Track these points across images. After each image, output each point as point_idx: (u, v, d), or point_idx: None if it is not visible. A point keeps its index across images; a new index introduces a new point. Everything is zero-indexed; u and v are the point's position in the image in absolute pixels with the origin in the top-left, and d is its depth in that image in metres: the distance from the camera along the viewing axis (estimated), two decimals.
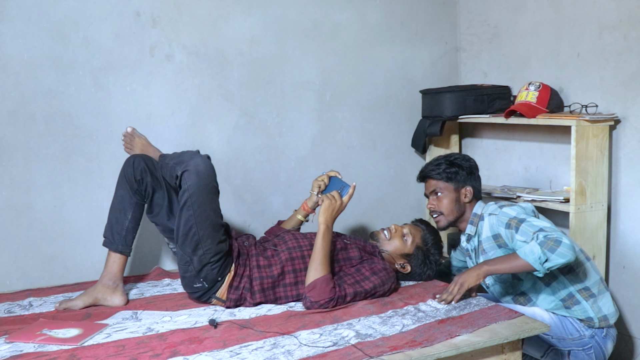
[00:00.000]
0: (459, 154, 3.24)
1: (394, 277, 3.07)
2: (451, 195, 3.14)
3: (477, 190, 3.18)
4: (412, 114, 4.31)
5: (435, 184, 3.16)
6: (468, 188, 3.14)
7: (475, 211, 3.13)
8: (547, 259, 2.67)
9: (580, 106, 3.49)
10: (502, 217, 2.94)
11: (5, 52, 3.21)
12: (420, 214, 4.41)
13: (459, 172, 3.14)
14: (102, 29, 3.42)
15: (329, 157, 4.09)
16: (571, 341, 2.95)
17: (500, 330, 2.53)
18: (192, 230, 2.83)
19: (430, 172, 3.19)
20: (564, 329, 2.95)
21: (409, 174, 4.39)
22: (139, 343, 2.48)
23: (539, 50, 3.89)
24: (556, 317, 2.98)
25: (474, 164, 3.22)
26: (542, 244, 2.69)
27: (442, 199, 3.14)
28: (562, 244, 2.67)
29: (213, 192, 2.94)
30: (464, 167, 3.15)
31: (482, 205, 3.14)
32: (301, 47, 3.96)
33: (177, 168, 2.87)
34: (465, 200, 3.14)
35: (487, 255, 3.03)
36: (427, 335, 2.47)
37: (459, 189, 3.14)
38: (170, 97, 3.62)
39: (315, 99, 4.03)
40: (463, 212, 3.15)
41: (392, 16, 4.24)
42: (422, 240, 3.23)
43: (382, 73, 4.25)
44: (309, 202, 3.37)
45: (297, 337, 2.49)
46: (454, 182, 3.13)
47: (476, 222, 3.11)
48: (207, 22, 3.67)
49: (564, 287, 2.94)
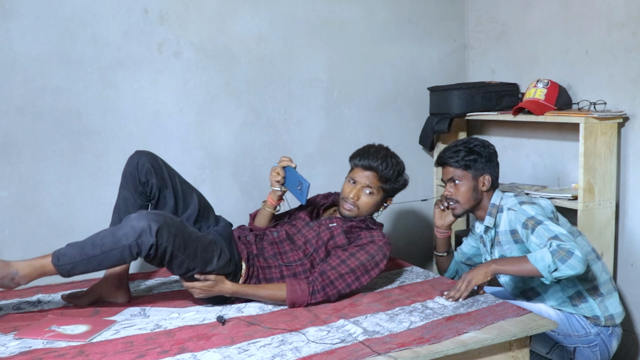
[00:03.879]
0: (478, 140, 3.13)
1: (384, 247, 2.99)
2: (469, 183, 3.06)
3: (496, 178, 3.10)
4: (419, 111, 4.30)
5: (453, 171, 3.08)
6: (487, 177, 3.06)
7: (493, 201, 3.06)
8: (557, 269, 2.64)
9: (589, 103, 3.49)
10: (520, 214, 2.89)
11: (14, 50, 3.22)
12: (428, 211, 4.42)
13: (477, 160, 3.05)
14: (110, 26, 3.42)
15: (337, 154, 4.09)
16: (577, 338, 2.95)
17: (508, 328, 2.52)
18: (191, 270, 2.70)
19: (448, 159, 3.10)
20: (570, 325, 2.95)
21: (416, 172, 4.39)
22: (147, 339, 2.48)
23: (547, 48, 3.88)
24: (562, 314, 2.97)
25: (493, 150, 3.13)
26: (554, 253, 2.65)
27: (459, 187, 3.07)
28: (573, 255, 2.63)
29: (180, 225, 2.65)
30: (483, 155, 3.06)
31: (501, 195, 3.07)
32: (309, 45, 3.96)
33: (142, 239, 2.51)
34: (483, 188, 3.07)
35: (503, 248, 3.01)
36: (435, 332, 2.47)
37: (477, 177, 3.05)
38: (178, 94, 3.62)
39: (323, 96, 4.03)
40: (480, 200, 3.08)
41: (400, 13, 4.24)
42: (380, 179, 3.10)
43: (390, 70, 4.24)
44: (273, 196, 3.12)
45: (305, 334, 2.49)
46: (472, 170, 3.05)
47: (494, 213, 3.05)
48: (215, 19, 3.68)
49: (573, 285, 2.93)
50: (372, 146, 3.18)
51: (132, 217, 2.55)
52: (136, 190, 2.94)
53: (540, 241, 2.77)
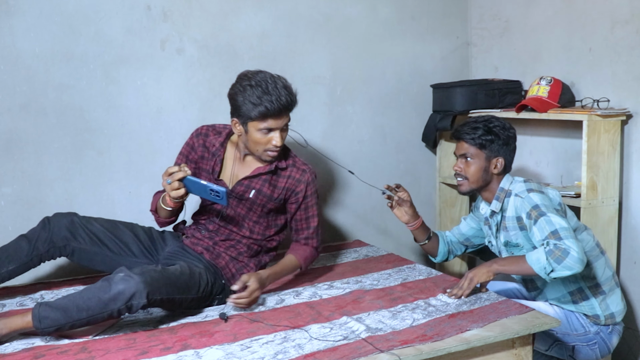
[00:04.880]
0: (499, 121, 3.02)
1: (312, 172, 3.11)
2: (481, 163, 2.98)
3: (509, 162, 3.04)
4: (422, 109, 4.30)
5: (467, 148, 3.00)
6: (500, 159, 2.98)
7: (502, 186, 3.00)
8: (553, 270, 2.63)
9: (592, 101, 3.48)
10: (526, 202, 2.85)
11: (17, 46, 3.22)
12: (431, 208, 4.42)
13: (494, 141, 2.97)
14: (113, 23, 3.42)
15: (340, 151, 4.09)
16: (576, 336, 2.94)
17: (511, 325, 2.52)
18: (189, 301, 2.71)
19: (464, 134, 3.01)
20: (569, 324, 2.94)
21: (419, 169, 4.40)
22: (150, 336, 2.48)
23: (550, 45, 3.87)
24: (561, 311, 2.97)
25: (513, 134, 3.03)
26: (549, 254, 2.64)
27: (470, 164, 2.99)
28: (569, 255, 2.60)
29: (163, 272, 2.57)
30: (501, 137, 2.98)
31: (510, 179, 3.01)
32: (312, 42, 3.96)
33: (132, 302, 2.42)
34: (494, 171, 3.00)
35: (509, 233, 2.98)
36: (438, 330, 2.47)
37: (490, 159, 2.98)
38: (181, 91, 3.62)
39: (326, 94, 4.03)
40: (489, 182, 3.02)
41: (403, 10, 4.23)
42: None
43: (393, 67, 4.24)
44: (172, 202, 2.82)
45: (308, 331, 2.49)
46: (486, 151, 2.97)
47: (502, 198, 2.99)
48: (218, 16, 3.67)
49: (575, 281, 2.92)
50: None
51: (117, 279, 2.41)
52: (37, 249, 2.85)
53: (540, 235, 2.75)
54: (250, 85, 2.76)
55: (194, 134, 3.11)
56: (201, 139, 3.07)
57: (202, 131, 3.11)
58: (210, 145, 3.03)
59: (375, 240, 4.14)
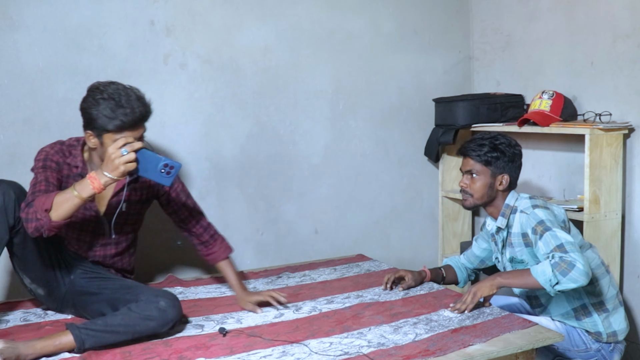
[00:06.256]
0: (505, 138, 3.03)
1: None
2: (486, 180, 2.99)
3: (514, 179, 3.04)
4: (425, 123, 4.31)
5: (473, 164, 3.01)
6: (505, 176, 2.99)
7: (508, 202, 3.00)
8: (558, 282, 2.62)
9: (594, 115, 3.48)
10: (531, 219, 2.85)
11: (21, 61, 3.23)
12: (434, 222, 4.42)
13: (500, 158, 2.98)
14: (116, 38, 3.44)
15: (342, 165, 4.10)
16: (577, 352, 2.93)
17: (514, 340, 2.51)
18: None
19: (470, 151, 3.02)
20: (570, 340, 2.93)
21: (422, 183, 4.40)
22: (145, 349, 2.48)
23: (552, 59, 3.88)
24: (563, 327, 2.95)
25: (519, 151, 3.05)
26: (555, 266, 2.63)
27: (475, 181, 3.00)
28: (575, 268, 2.59)
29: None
30: (507, 154, 2.99)
31: (516, 196, 3.01)
32: (314, 56, 3.97)
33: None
34: (499, 188, 3.00)
35: (515, 249, 2.98)
36: (441, 345, 2.46)
37: (495, 175, 2.99)
38: (184, 105, 3.63)
39: (329, 108, 4.04)
40: (494, 198, 3.02)
41: (405, 25, 4.25)
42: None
43: (395, 82, 4.25)
44: (104, 183, 2.57)
45: (307, 345, 2.48)
46: (492, 167, 2.98)
47: (507, 214, 2.99)
48: (221, 31, 3.69)
49: (579, 298, 2.91)
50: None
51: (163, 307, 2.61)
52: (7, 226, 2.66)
53: (546, 249, 2.74)
54: (103, 99, 2.60)
55: (51, 152, 2.81)
56: (61, 157, 2.83)
57: (58, 149, 2.84)
58: (72, 163, 2.84)
59: (377, 254, 4.13)
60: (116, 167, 2.49)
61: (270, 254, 3.94)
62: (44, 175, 2.69)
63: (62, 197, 2.52)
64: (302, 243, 4.04)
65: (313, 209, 4.05)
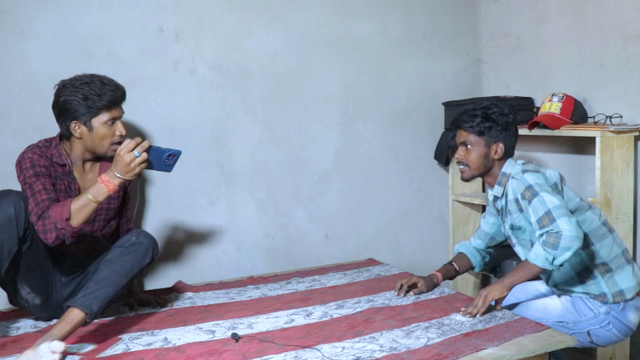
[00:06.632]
0: (497, 107, 3.02)
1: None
2: (481, 150, 2.99)
3: (510, 147, 3.03)
4: (434, 127, 4.30)
5: (467, 136, 3.01)
6: (500, 145, 2.98)
7: (504, 170, 3.00)
8: (554, 257, 2.65)
9: (605, 117, 3.47)
10: (520, 184, 2.85)
11: (31, 68, 3.24)
12: (444, 226, 4.41)
13: (493, 128, 2.98)
14: (126, 45, 3.45)
15: (352, 170, 4.10)
16: (587, 321, 2.89)
17: (527, 344, 2.50)
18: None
19: (463, 123, 3.03)
20: (577, 311, 2.90)
21: (432, 187, 4.39)
22: (157, 355, 2.48)
23: (561, 61, 3.87)
24: (567, 300, 2.93)
25: (512, 119, 3.03)
26: (545, 244, 2.67)
27: (470, 152, 3.00)
28: (562, 236, 2.63)
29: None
30: (500, 123, 2.98)
31: (512, 163, 3.00)
32: (323, 61, 3.97)
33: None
34: (495, 157, 2.99)
35: (512, 216, 2.97)
36: (453, 349, 2.45)
37: (490, 145, 2.98)
38: (193, 111, 3.64)
39: (338, 112, 4.04)
40: (490, 168, 3.02)
41: (414, 29, 4.25)
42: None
43: (405, 85, 4.25)
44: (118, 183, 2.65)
45: (320, 350, 2.48)
46: (486, 137, 2.98)
47: (504, 182, 2.99)
48: (230, 37, 3.70)
49: (581, 262, 2.89)
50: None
51: (143, 238, 2.80)
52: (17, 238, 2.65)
53: (535, 216, 2.76)
54: (80, 87, 2.72)
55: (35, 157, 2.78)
56: (45, 160, 2.81)
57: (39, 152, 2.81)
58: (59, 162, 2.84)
59: (388, 258, 4.13)
60: (132, 169, 2.59)
61: (281, 259, 3.94)
62: (39, 183, 2.70)
63: (79, 204, 2.59)
64: (313, 248, 4.04)
65: (323, 214, 4.05)
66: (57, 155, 2.82)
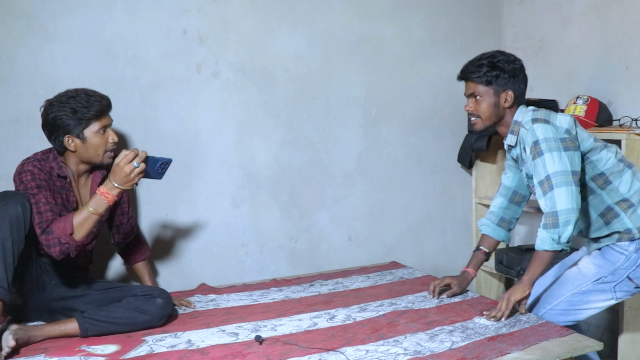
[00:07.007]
0: (503, 54, 2.99)
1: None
2: (490, 99, 2.95)
3: (520, 94, 2.98)
4: (458, 129, 4.29)
5: (474, 87, 2.97)
6: (509, 92, 2.93)
7: (516, 118, 2.96)
8: (559, 235, 2.66)
9: (630, 120, 3.44)
10: (529, 135, 2.82)
11: (56, 71, 3.27)
12: (467, 229, 4.39)
13: (500, 76, 2.93)
14: (150, 48, 3.47)
15: (375, 172, 4.09)
16: (622, 267, 2.84)
17: (552, 348, 2.48)
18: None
19: (469, 74, 2.99)
20: (609, 261, 2.86)
21: (455, 190, 4.37)
22: (181, 357, 2.49)
23: (586, 63, 3.85)
24: (596, 254, 2.92)
25: (519, 65, 2.98)
26: (545, 227, 2.70)
27: (480, 102, 2.96)
28: (558, 212, 2.66)
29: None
30: (507, 70, 2.94)
31: (524, 110, 2.96)
32: (346, 63, 3.97)
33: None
34: (505, 105, 2.95)
35: (527, 164, 2.93)
36: (477, 353, 2.44)
37: (499, 93, 2.94)
38: (217, 114, 3.65)
39: (361, 115, 4.04)
40: (502, 116, 2.98)
41: (437, 31, 4.24)
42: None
43: (428, 88, 4.24)
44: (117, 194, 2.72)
45: (344, 353, 2.48)
46: (494, 86, 2.94)
47: (516, 131, 2.95)
48: (253, 39, 3.70)
49: (602, 202, 2.88)
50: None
51: (161, 304, 2.87)
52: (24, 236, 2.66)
53: (537, 178, 2.77)
54: (67, 102, 2.81)
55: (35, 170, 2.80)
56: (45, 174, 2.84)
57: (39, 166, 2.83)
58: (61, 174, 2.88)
59: (411, 261, 4.12)
60: (131, 180, 2.70)
61: (304, 261, 3.94)
62: (42, 196, 2.74)
63: (80, 218, 2.69)
64: (336, 250, 4.03)
65: (346, 216, 4.04)
66: (58, 167, 2.87)
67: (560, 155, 2.72)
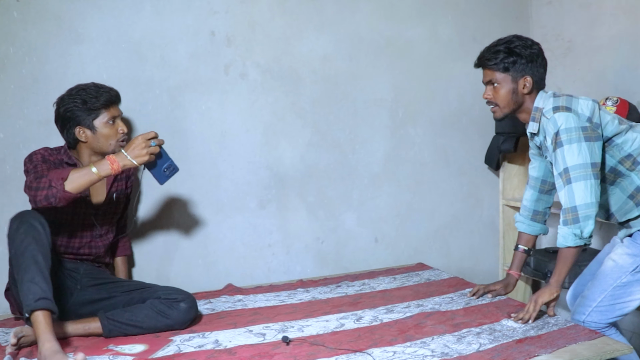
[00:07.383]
0: (520, 39, 2.91)
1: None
2: (508, 86, 2.89)
3: (539, 79, 2.92)
4: (485, 130, 4.27)
5: (492, 74, 2.93)
6: (527, 78, 2.88)
7: (536, 105, 2.90)
8: (581, 230, 2.65)
9: None
10: (551, 124, 2.77)
11: (86, 72, 3.29)
12: (494, 231, 4.37)
13: (517, 62, 2.87)
14: (178, 49, 3.48)
15: (402, 173, 4.08)
16: None
17: (581, 351, 2.46)
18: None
19: (486, 61, 2.93)
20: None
21: (482, 191, 4.35)
22: (209, 357, 2.49)
23: (615, 64, 3.81)
24: (628, 242, 2.86)
25: (536, 50, 2.90)
26: (566, 223, 2.68)
27: (498, 89, 2.91)
28: (577, 207, 2.65)
29: None
30: (524, 56, 2.87)
31: (544, 96, 2.91)
32: (374, 64, 3.96)
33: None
34: (524, 91, 2.90)
35: (549, 151, 2.88)
36: (505, 355, 2.43)
37: (517, 80, 2.88)
38: (244, 115, 3.66)
39: (388, 116, 4.03)
40: (521, 103, 2.92)
41: (464, 32, 4.22)
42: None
43: (455, 89, 4.22)
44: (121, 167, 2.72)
45: (371, 354, 2.47)
46: (511, 72, 2.88)
47: (538, 118, 2.90)
48: (281, 41, 3.71)
49: (631, 183, 2.83)
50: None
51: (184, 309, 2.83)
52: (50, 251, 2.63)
53: (556, 170, 2.75)
54: (77, 94, 2.88)
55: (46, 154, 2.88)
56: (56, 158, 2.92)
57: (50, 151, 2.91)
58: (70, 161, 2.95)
59: (437, 263, 4.10)
60: (142, 154, 2.71)
61: (331, 262, 3.94)
62: (46, 165, 2.80)
63: (80, 172, 2.66)
64: (362, 251, 4.03)
65: (373, 218, 4.04)
66: (67, 157, 2.94)
67: (580, 147, 2.69)
